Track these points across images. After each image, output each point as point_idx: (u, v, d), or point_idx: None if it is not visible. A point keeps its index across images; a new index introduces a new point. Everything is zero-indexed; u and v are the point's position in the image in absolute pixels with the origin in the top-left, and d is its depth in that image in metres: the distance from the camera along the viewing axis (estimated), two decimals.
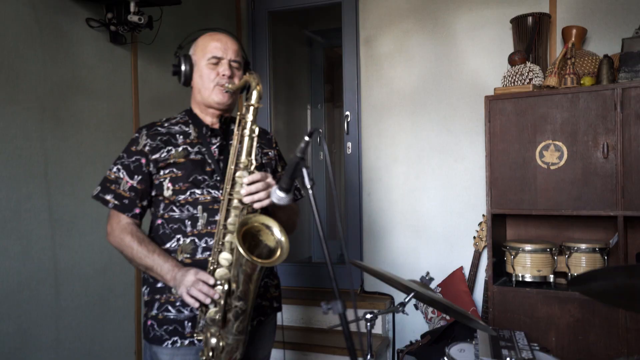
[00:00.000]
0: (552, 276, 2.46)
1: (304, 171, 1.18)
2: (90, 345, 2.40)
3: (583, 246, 2.41)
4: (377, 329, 3.18)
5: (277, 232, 1.44)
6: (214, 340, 1.44)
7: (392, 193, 3.34)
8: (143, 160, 1.59)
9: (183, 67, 1.63)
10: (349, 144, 3.48)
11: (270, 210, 1.59)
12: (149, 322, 1.58)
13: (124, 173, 1.59)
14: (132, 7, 2.35)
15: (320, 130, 1.23)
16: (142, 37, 2.68)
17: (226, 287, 1.41)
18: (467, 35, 3.11)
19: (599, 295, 1.52)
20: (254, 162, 1.51)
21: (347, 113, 3.47)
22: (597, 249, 2.39)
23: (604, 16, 2.73)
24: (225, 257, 1.46)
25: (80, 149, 2.37)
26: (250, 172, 1.50)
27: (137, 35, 2.66)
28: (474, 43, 3.10)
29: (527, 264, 2.47)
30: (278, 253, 1.42)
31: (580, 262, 2.41)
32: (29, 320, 2.11)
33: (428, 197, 3.23)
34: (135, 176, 1.58)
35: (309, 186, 1.19)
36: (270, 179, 1.52)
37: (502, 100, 2.53)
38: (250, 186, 1.47)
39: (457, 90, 3.14)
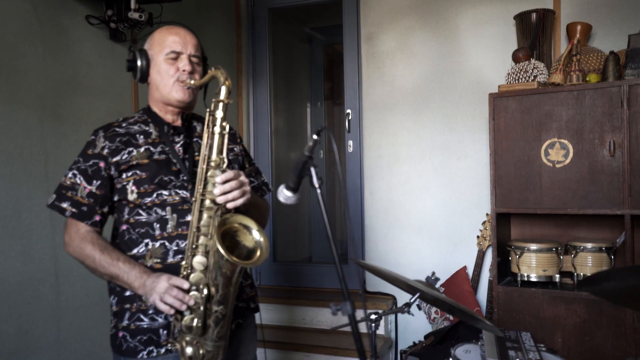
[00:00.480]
0: (557, 276, 2.45)
1: (312, 170, 1.16)
2: (91, 346, 2.39)
3: (589, 245, 2.40)
4: (380, 330, 3.16)
5: (256, 233, 1.40)
6: (190, 350, 1.38)
7: (394, 192, 3.32)
8: (102, 164, 1.50)
9: (139, 63, 1.54)
10: (350, 143, 3.46)
11: (242, 209, 1.53)
12: (120, 334, 1.50)
13: (81, 178, 1.50)
14: (132, 4, 2.34)
15: (328, 127, 1.20)
16: (142, 34, 2.66)
17: (205, 292, 1.36)
18: (470, 32, 3.09)
19: (610, 296, 1.51)
20: (225, 160, 1.45)
21: (349, 111, 3.45)
22: (603, 249, 2.38)
23: (609, 12, 2.72)
24: (199, 260, 1.39)
25: (81, 147, 2.33)
26: (223, 171, 1.43)
27: (136, 32, 2.65)
28: (477, 40, 3.08)
29: (532, 264, 2.45)
30: (258, 253, 1.38)
31: (587, 261, 2.39)
32: (30, 321, 2.11)
33: (431, 196, 3.21)
34: (94, 181, 1.50)
35: (317, 185, 1.16)
36: (243, 177, 1.47)
37: (506, 97, 2.52)
38: (224, 185, 1.41)
39: (459, 88, 3.12)
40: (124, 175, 1.49)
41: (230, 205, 1.43)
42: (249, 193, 1.48)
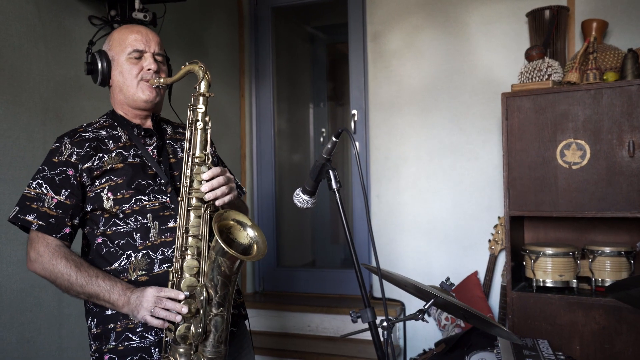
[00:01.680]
0: (575, 281, 2.40)
1: (331, 173, 1.11)
2: None
3: (607, 249, 2.35)
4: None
5: (250, 230, 1.36)
6: None
7: (401, 195, 3.27)
8: (70, 172, 1.40)
9: (99, 65, 1.47)
10: (357, 144, 3.40)
11: (227, 207, 1.46)
12: (107, 357, 1.38)
13: (48, 188, 1.39)
14: (137, 4, 2.34)
15: (347, 129, 1.16)
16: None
17: (204, 294, 1.29)
18: (480, 30, 3.05)
19: (638, 303, 1.46)
20: (210, 156, 1.39)
21: (354, 112, 3.40)
22: (622, 253, 2.33)
23: (625, 8, 2.67)
24: (190, 264, 1.33)
25: None
26: (209, 168, 1.37)
27: None
28: (488, 38, 3.04)
29: (548, 269, 2.40)
30: (255, 248, 1.33)
31: (605, 266, 2.34)
32: (32, 329, 2.10)
33: (440, 198, 3.17)
34: (63, 190, 1.39)
35: (335, 188, 1.12)
36: (229, 173, 1.43)
37: (520, 97, 2.47)
38: (212, 181, 1.35)
39: (469, 87, 3.08)
40: (97, 182, 1.40)
41: (218, 203, 1.37)
42: (235, 190, 1.44)
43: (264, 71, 3.67)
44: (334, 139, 1.15)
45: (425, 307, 1.63)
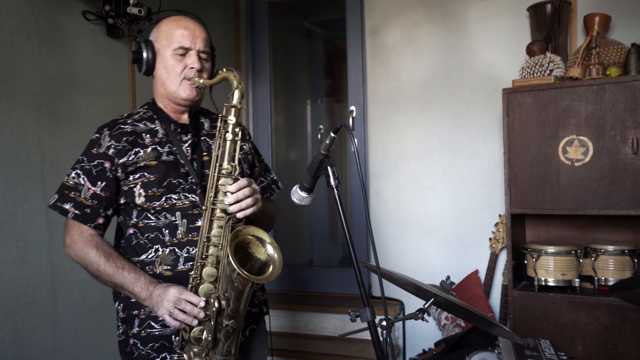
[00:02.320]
0: (577, 280, 2.37)
1: (329, 169, 1.09)
2: (89, 354, 2.37)
3: (611, 248, 2.33)
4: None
5: (269, 246, 1.38)
6: None
7: (400, 192, 3.25)
8: (107, 164, 1.45)
9: (145, 55, 1.50)
10: (355, 141, 3.37)
11: (252, 217, 1.49)
12: (131, 341, 1.45)
13: (85, 179, 1.45)
14: None
15: (346, 124, 1.13)
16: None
17: (216, 305, 1.33)
18: (480, 25, 3.02)
19: None
20: (237, 168, 1.41)
21: (352, 108, 3.37)
22: (626, 251, 2.30)
23: (628, 2, 2.64)
24: (209, 272, 1.36)
25: (78, 148, 2.31)
26: (235, 179, 1.39)
27: (134, 28, 2.63)
28: (488, 33, 3.01)
29: (550, 267, 2.38)
30: (271, 267, 1.36)
31: (608, 265, 2.32)
32: (26, 328, 2.09)
33: (439, 196, 3.14)
34: (98, 182, 1.45)
35: (334, 185, 1.10)
36: (254, 185, 1.44)
37: (521, 93, 2.44)
38: (236, 194, 1.37)
39: (469, 83, 3.05)
40: (131, 178, 1.45)
41: (240, 215, 1.39)
42: (260, 201, 1.45)
43: (261, 67, 3.64)
44: (332, 134, 1.13)
45: (425, 306, 1.62)
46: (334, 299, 3.32)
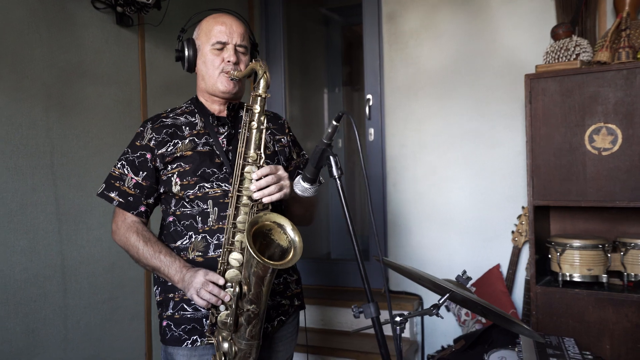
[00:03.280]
0: (605, 276, 2.29)
1: (332, 159, 1.05)
2: (99, 346, 2.39)
3: None
4: (405, 332, 3.03)
5: (290, 231, 1.41)
6: (226, 345, 1.43)
7: (419, 184, 3.19)
8: (148, 156, 1.56)
9: (186, 53, 1.60)
10: (371, 130, 3.33)
11: (285, 203, 1.58)
12: (165, 323, 1.56)
13: (129, 169, 1.57)
14: None
15: (348, 112, 1.10)
16: (150, 18, 2.64)
17: (237, 290, 1.39)
18: (502, 8, 2.93)
19: None
20: (263, 156, 1.47)
21: (369, 96, 3.32)
22: None
23: None
24: (235, 257, 1.43)
25: (87, 139, 2.38)
26: (260, 167, 1.46)
27: (144, 16, 2.64)
28: (511, 17, 2.91)
29: (575, 262, 2.30)
30: (291, 254, 1.39)
31: (638, 260, 2.24)
32: (36, 319, 2.12)
33: (459, 187, 3.07)
34: (141, 172, 1.56)
35: (336, 175, 1.06)
36: (281, 171, 1.48)
37: (544, 79, 2.37)
38: (260, 181, 1.43)
39: (491, 70, 2.97)
40: (169, 168, 1.55)
41: (266, 200, 1.44)
42: (288, 188, 1.48)
43: (275, 56, 3.60)
44: (334, 123, 1.09)
45: (440, 302, 1.58)
46: (351, 293, 3.29)
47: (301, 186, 1.26)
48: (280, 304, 1.63)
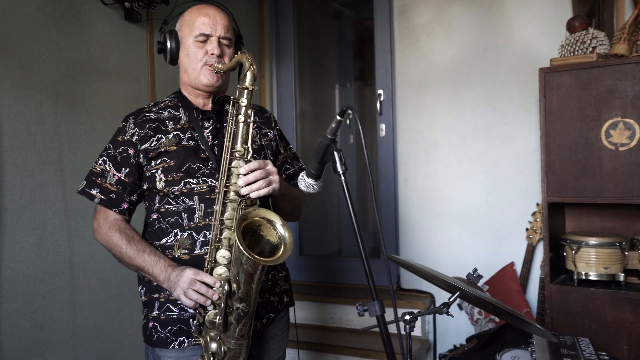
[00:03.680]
0: (622, 274, 2.25)
1: (336, 155, 1.04)
2: (108, 342, 2.41)
3: None
4: (416, 331, 3.03)
5: (280, 227, 1.39)
6: (214, 345, 1.40)
7: (431, 180, 3.16)
8: (131, 151, 1.52)
9: (169, 45, 1.57)
10: (382, 126, 3.30)
11: (274, 199, 1.55)
12: (151, 324, 1.53)
13: (110, 165, 1.53)
14: None
15: (353, 107, 1.08)
16: (158, 13, 2.64)
17: (226, 287, 1.37)
18: (517, 0, 2.88)
19: None
20: (250, 150, 1.44)
21: (380, 91, 3.29)
22: None
23: None
24: (223, 254, 1.41)
25: (96, 135, 2.39)
26: (247, 162, 1.43)
27: (152, 11, 2.64)
28: (525, 9, 2.87)
29: (591, 260, 2.26)
30: (281, 250, 1.37)
31: None
32: (45, 315, 2.14)
33: (473, 184, 3.04)
34: (123, 168, 1.52)
35: (340, 171, 1.05)
36: (270, 166, 1.46)
37: (559, 72, 2.33)
38: (247, 176, 1.40)
39: (505, 63, 2.93)
40: (152, 163, 1.51)
41: (253, 195, 1.41)
42: (277, 183, 1.46)
43: (286, 50, 3.59)
44: (338, 117, 1.08)
45: (450, 300, 1.56)
46: (361, 291, 3.27)
47: (305, 182, 1.24)
48: (269, 301, 1.60)
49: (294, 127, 3.60)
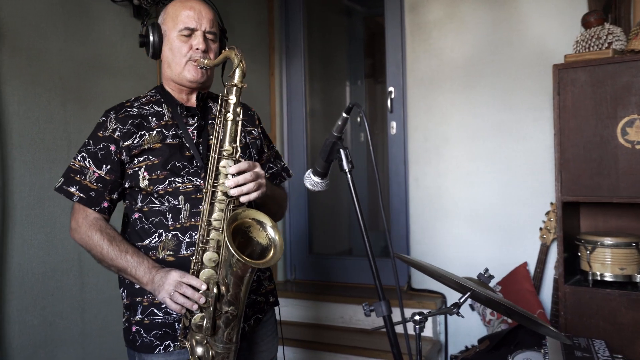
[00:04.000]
0: (638, 275, 2.21)
1: (342, 153, 1.03)
2: (117, 341, 2.39)
3: None
4: (427, 331, 3.01)
5: (270, 230, 1.37)
6: (200, 350, 1.37)
7: (442, 178, 3.14)
8: (112, 148, 1.47)
9: (151, 38, 1.52)
10: (393, 124, 3.28)
11: (260, 200, 1.49)
12: (134, 329, 1.48)
13: (90, 162, 1.47)
14: None
15: (359, 104, 1.07)
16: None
17: (215, 290, 1.33)
18: None
19: None
20: (239, 149, 1.41)
21: (391, 89, 3.28)
22: None
23: None
24: (210, 256, 1.37)
25: None
26: (236, 161, 1.39)
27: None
28: (539, 4, 2.84)
29: (607, 261, 2.23)
30: (271, 252, 1.35)
31: None
32: (54, 313, 2.15)
33: (485, 182, 3.01)
34: (104, 166, 1.47)
35: (347, 169, 1.04)
36: (258, 169, 1.42)
37: (574, 69, 2.30)
38: (237, 177, 1.37)
39: (518, 60, 2.90)
40: (135, 161, 1.47)
41: (243, 199, 1.38)
42: (264, 186, 1.43)
43: (295, 47, 3.58)
44: (344, 115, 1.07)
45: (461, 300, 1.54)
46: (373, 291, 3.24)
47: (312, 180, 1.23)
48: (255, 301, 1.57)
49: (304, 125, 3.59)
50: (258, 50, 3.49)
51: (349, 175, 1.06)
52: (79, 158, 1.49)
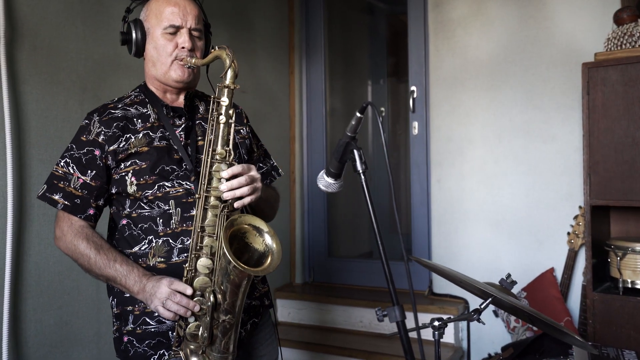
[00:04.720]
0: None
1: (356, 153, 1.02)
2: None
3: None
4: (449, 338, 2.96)
5: (267, 236, 1.34)
6: (194, 359, 1.34)
7: (466, 180, 3.09)
8: (97, 152, 1.42)
9: (134, 35, 1.47)
10: (415, 124, 3.25)
11: (253, 204, 1.44)
12: (126, 339, 1.43)
13: (74, 168, 1.43)
14: None
15: (373, 104, 1.05)
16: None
17: (212, 299, 1.30)
18: None
19: None
20: (232, 152, 1.37)
21: (413, 88, 3.24)
22: None
23: None
24: (204, 263, 1.33)
25: None
26: (229, 165, 1.36)
27: None
28: (568, 1, 2.77)
29: (638, 268, 2.17)
30: (269, 259, 1.32)
31: None
32: (70, 312, 2.16)
33: (510, 185, 2.96)
34: (89, 171, 1.42)
35: (360, 170, 1.03)
36: (254, 172, 1.39)
37: (604, 67, 2.25)
38: (231, 181, 1.34)
39: (546, 58, 2.84)
40: (122, 165, 1.43)
41: (238, 204, 1.36)
42: (260, 190, 1.40)
43: (316, 46, 3.57)
44: (358, 114, 1.05)
45: (482, 307, 1.51)
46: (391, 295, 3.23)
47: (325, 181, 1.21)
48: (251, 305, 1.53)
49: (324, 125, 3.58)
50: (277, 49, 3.49)
51: (362, 177, 1.04)
52: (62, 164, 1.44)
